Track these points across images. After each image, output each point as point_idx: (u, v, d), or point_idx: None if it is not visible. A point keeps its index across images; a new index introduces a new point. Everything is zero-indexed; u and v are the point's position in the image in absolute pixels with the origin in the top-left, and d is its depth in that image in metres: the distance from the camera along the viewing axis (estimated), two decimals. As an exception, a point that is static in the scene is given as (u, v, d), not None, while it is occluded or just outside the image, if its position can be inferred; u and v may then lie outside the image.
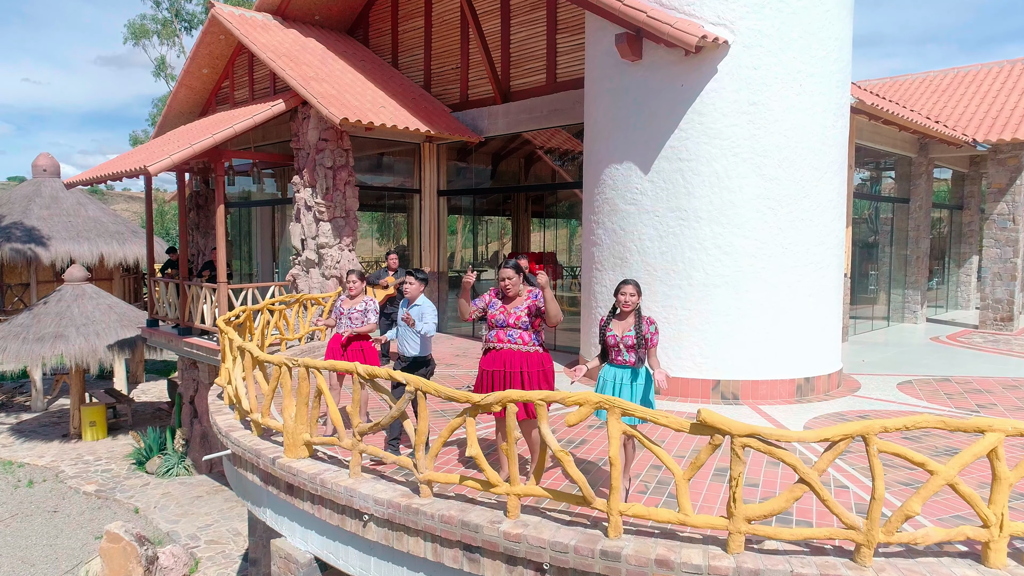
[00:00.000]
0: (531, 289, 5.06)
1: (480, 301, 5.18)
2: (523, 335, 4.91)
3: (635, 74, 8.17)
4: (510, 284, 4.97)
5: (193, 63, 14.11)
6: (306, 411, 5.39)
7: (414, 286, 5.72)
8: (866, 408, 7.64)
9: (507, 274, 5.00)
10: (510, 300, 5.04)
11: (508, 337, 4.93)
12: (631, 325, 4.76)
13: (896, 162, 14.94)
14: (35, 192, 21.03)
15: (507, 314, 4.96)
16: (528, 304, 4.96)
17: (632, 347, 4.68)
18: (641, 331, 4.69)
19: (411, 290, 5.69)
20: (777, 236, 7.87)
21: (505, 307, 5.01)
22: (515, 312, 4.94)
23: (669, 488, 5.13)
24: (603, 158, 8.67)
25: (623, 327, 4.78)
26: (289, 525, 5.52)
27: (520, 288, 5.05)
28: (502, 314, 4.99)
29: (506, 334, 4.95)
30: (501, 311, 5.01)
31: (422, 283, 5.83)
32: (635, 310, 4.80)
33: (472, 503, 4.53)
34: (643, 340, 4.69)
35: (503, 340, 4.95)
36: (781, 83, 7.74)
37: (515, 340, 4.91)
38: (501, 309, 5.02)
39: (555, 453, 3.99)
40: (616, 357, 4.75)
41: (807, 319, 8.10)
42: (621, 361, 4.72)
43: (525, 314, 4.92)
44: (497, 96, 12.13)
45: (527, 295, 5.03)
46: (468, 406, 4.36)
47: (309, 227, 11.48)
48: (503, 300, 5.07)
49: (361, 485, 4.83)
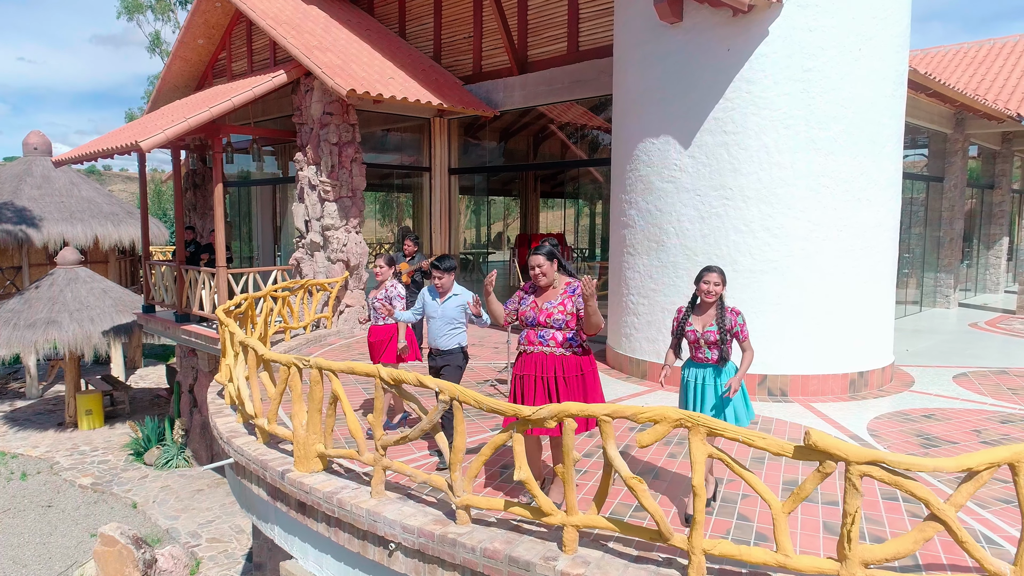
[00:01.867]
0: (569, 281, 4.34)
1: (512, 301, 4.47)
2: (557, 335, 4.19)
3: (675, 38, 7.39)
4: (541, 273, 4.25)
5: (188, 33, 13.27)
6: (319, 418, 4.71)
7: (444, 278, 5.18)
8: (929, 406, 6.97)
9: (537, 261, 4.27)
10: (542, 292, 4.33)
11: (539, 338, 4.23)
12: (712, 318, 4.13)
13: (930, 138, 14.16)
14: (26, 171, 20.22)
15: (537, 310, 4.25)
16: (563, 299, 4.23)
17: (714, 343, 4.08)
18: (725, 324, 4.05)
19: (444, 283, 5.17)
20: (831, 217, 7.16)
21: (536, 302, 4.30)
22: (546, 308, 4.23)
23: (737, 507, 4.47)
24: (636, 132, 7.92)
25: (704, 320, 4.19)
26: (301, 546, 4.87)
27: (555, 278, 4.32)
28: (532, 310, 4.28)
29: (537, 334, 4.25)
30: (532, 307, 4.31)
31: (450, 272, 5.26)
32: (718, 301, 4.15)
33: (517, 531, 3.87)
34: (727, 335, 4.05)
35: (534, 342, 4.26)
36: (838, 47, 6.98)
37: (547, 341, 4.21)
38: (532, 305, 4.32)
39: (626, 481, 3.31)
40: (696, 353, 4.19)
41: (862, 308, 7.41)
42: (702, 359, 4.15)
43: (559, 311, 4.19)
44: (513, 67, 11.32)
45: (563, 288, 4.30)
46: (514, 419, 3.68)
47: (313, 207, 10.74)
48: (534, 292, 4.37)
49: (386, 507, 4.16)
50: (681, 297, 7.58)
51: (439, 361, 5.27)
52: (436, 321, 5.25)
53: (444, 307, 5.27)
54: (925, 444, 5.79)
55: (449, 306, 5.27)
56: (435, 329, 5.28)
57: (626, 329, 8.22)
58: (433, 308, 5.29)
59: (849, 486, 3.06)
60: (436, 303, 5.30)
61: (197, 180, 15.00)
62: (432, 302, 5.32)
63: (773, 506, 3.23)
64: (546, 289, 4.31)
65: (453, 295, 5.29)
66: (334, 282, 10.60)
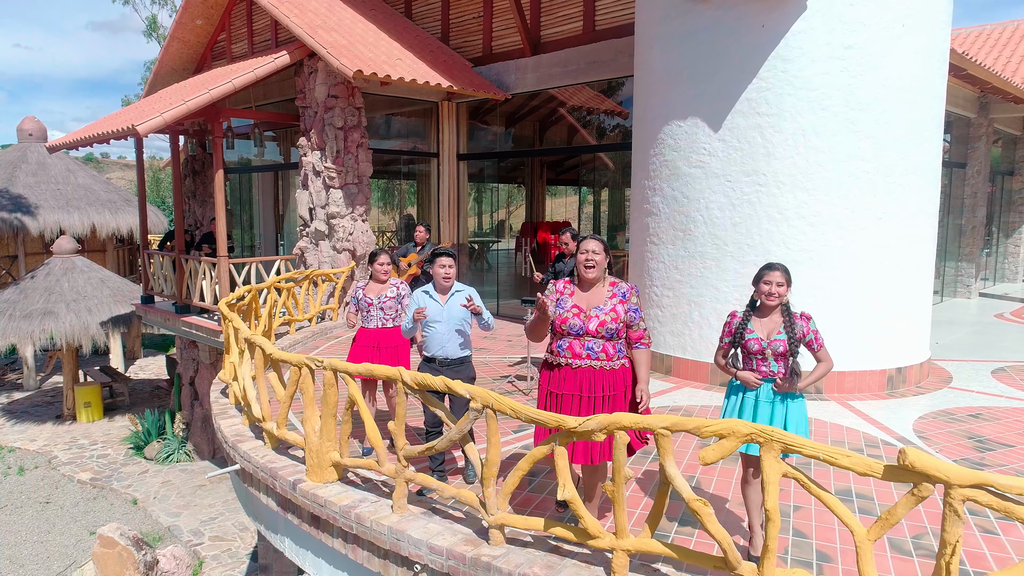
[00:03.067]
0: (614, 281, 3.73)
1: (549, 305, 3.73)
2: (608, 347, 3.60)
3: (704, 13, 6.95)
4: (593, 264, 3.60)
5: (185, 13, 12.78)
6: (334, 424, 4.32)
7: (455, 267, 4.56)
8: (973, 404, 6.60)
9: (592, 247, 3.60)
10: (585, 290, 3.72)
11: (588, 351, 3.59)
12: (779, 325, 3.59)
13: (953, 123, 13.71)
14: (21, 158, 19.73)
15: (585, 317, 3.61)
16: (614, 304, 3.63)
17: (783, 355, 3.56)
18: (796, 333, 3.56)
19: (454, 273, 4.54)
20: (871, 204, 6.75)
21: (580, 307, 3.64)
22: (597, 315, 3.60)
23: (791, 522, 4.10)
24: (660, 114, 7.49)
25: (769, 327, 3.59)
26: (315, 561, 4.50)
27: (603, 274, 3.71)
28: (577, 317, 3.61)
29: (584, 346, 3.60)
30: (575, 312, 3.62)
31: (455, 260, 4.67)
32: (783, 305, 3.64)
33: (557, 553, 3.49)
34: (799, 345, 3.56)
35: (579, 355, 3.60)
36: (881, 23, 6.54)
37: (597, 354, 3.59)
38: (574, 310, 3.63)
39: (688, 503, 2.93)
40: (759, 367, 3.59)
41: (901, 300, 7.02)
42: (766, 373, 3.59)
43: (611, 318, 3.59)
44: (526, 48, 10.85)
45: (609, 288, 3.69)
46: (556, 431, 3.29)
47: (318, 195, 10.31)
48: (576, 286, 3.74)
49: (410, 524, 3.78)
50: (709, 289, 7.19)
51: (448, 373, 4.37)
52: (441, 325, 4.42)
53: (449, 307, 4.45)
54: (978, 447, 5.42)
55: (454, 305, 4.46)
56: (441, 335, 4.43)
57: (650, 322, 7.82)
58: (436, 311, 4.44)
59: (950, 512, 2.67)
60: (438, 304, 4.47)
61: (196, 166, 14.55)
62: (433, 304, 4.47)
63: (857, 533, 2.84)
64: (590, 286, 3.73)
65: (456, 292, 4.52)
66: (340, 272, 10.19)
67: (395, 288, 5.33)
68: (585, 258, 3.67)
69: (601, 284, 3.73)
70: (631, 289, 3.73)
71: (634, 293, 3.73)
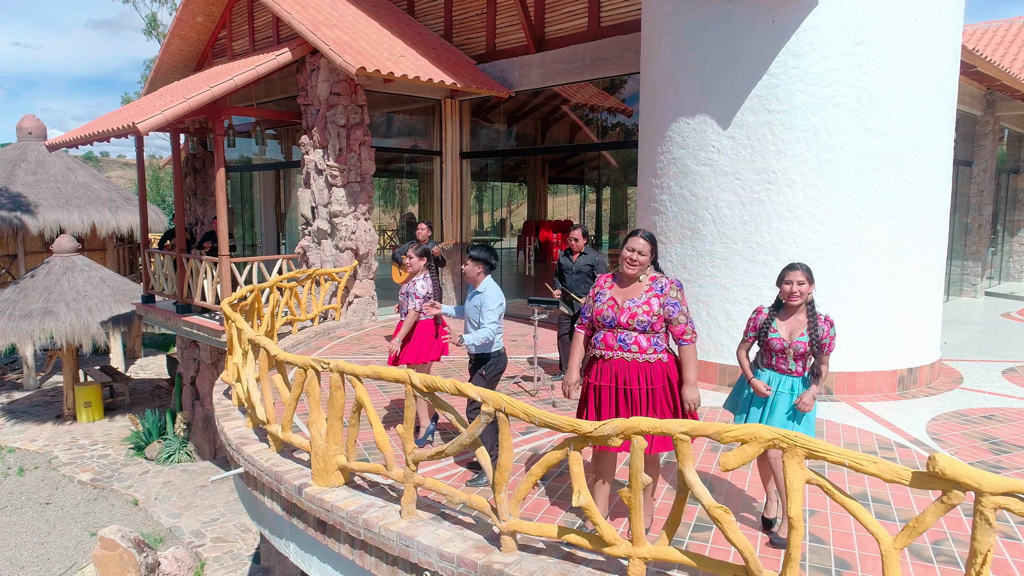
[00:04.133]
0: (655, 276, 3.69)
1: (588, 307, 3.79)
2: (640, 339, 3.59)
3: (715, 7, 6.85)
4: (636, 261, 3.59)
5: (186, 10, 12.67)
6: (340, 427, 4.23)
7: (469, 267, 4.60)
8: (986, 406, 6.50)
9: (637, 245, 3.58)
10: (626, 284, 3.70)
11: (620, 342, 3.61)
12: (803, 326, 3.55)
13: (959, 120, 13.59)
14: (20, 156, 19.62)
15: (617, 309, 3.62)
16: (649, 297, 3.61)
17: (803, 355, 3.52)
18: (818, 334, 3.50)
19: (468, 271, 4.58)
20: (883, 202, 6.65)
21: (615, 299, 3.66)
22: (629, 307, 3.60)
23: (807, 527, 4.01)
24: (668, 110, 7.39)
25: (792, 327, 3.57)
26: (320, 567, 4.41)
27: (647, 269, 3.68)
28: (611, 309, 3.63)
29: (616, 337, 3.62)
30: (610, 305, 3.65)
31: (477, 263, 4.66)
32: (805, 304, 3.59)
33: (571, 560, 3.40)
34: (819, 348, 3.51)
35: (612, 346, 3.63)
36: (893, 18, 6.44)
37: (628, 346, 3.60)
38: (610, 302, 3.66)
39: (709, 511, 2.84)
40: (779, 363, 3.61)
41: (912, 299, 6.93)
42: (784, 370, 3.59)
43: (644, 311, 3.57)
44: (530, 45, 10.75)
45: (648, 283, 3.66)
46: (572, 436, 3.20)
47: (320, 193, 10.22)
48: (615, 282, 3.74)
49: (419, 530, 3.69)
50: (718, 288, 7.10)
51: (472, 364, 4.78)
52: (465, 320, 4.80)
53: (468, 304, 4.80)
54: (994, 450, 5.33)
55: (470, 305, 4.76)
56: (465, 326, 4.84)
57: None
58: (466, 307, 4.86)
59: (981, 521, 2.58)
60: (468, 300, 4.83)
61: (197, 165, 14.45)
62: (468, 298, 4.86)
63: (883, 541, 2.75)
64: (630, 281, 3.69)
65: (476, 292, 4.68)
66: (343, 271, 10.10)
67: (406, 286, 5.52)
68: (630, 256, 3.65)
69: (640, 279, 3.69)
70: (671, 283, 3.68)
71: (674, 287, 3.67)
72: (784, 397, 3.66)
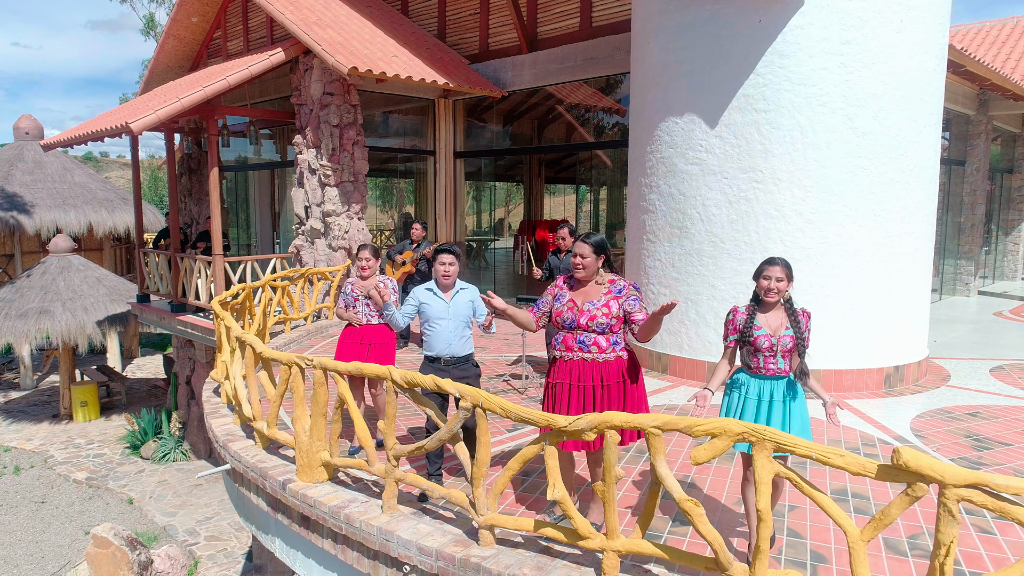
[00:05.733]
0: (614, 279, 3.77)
1: (544, 302, 3.90)
2: (600, 340, 3.67)
3: (703, 8, 6.89)
4: (582, 265, 3.69)
5: (181, 10, 12.72)
6: (324, 423, 4.27)
7: (456, 265, 4.55)
8: (972, 403, 6.54)
9: (582, 251, 3.69)
10: (580, 288, 3.79)
11: (579, 344, 3.68)
12: (785, 321, 3.52)
13: (952, 120, 13.65)
14: (17, 156, 19.66)
15: (577, 311, 3.70)
16: (608, 299, 3.68)
17: (789, 352, 3.51)
18: (801, 328, 3.51)
19: (454, 272, 4.51)
20: (869, 201, 6.69)
21: (575, 301, 3.74)
22: (588, 309, 3.67)
23: (785, 522, 4.05)
24: (658, 110, 7.43)
25: (776, 324, 3.50)
26: (305, 562, 4.45)
27: (600, 274, 3.76)
28: (571, 311, 3.71)
29: (576, 339, 3.69)
30: (569, 307, 3.73)
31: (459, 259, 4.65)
32: (785, 300, 3.58)
33: (548, 554, 3.44)
34: (803, 342, 3.52)
35: (572, 347, 3.71)
36: (879, 18, 6.48)
37: (588, 347, 3.68)
38: (569, 304, 3.74)
39: (679, 503, 2.88)
40: (767, 364, 3.50)
41: (899, 299, 6.97)
42: (774, 371, 3.49)
43: (603, 313, 3.65)
44: (523, 45, 10.79)
45: (607, 286, 3.74)
46: (547, 430, 3.24)
47: (313, 193, 10.26)
48: (570, 287, 3.83)
49: (399, 525, 3.73)
50: (706, 287, 7.14)
51: (455, 372, 4.37)
52: (448, 323, 4.38)
53: (455, 304, 4.44)
54: (976, 446, 5.37)
55: (460, 303, 4.45)
56: (448, 333, 4.38)
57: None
58: (440, 308, 4.41)
59: (944, 512, 2.62)
60: (442, 301, 4.43)
61: (192, 164, 14.49)
62: (437, 300, 4.43)
63: (851, 534, 2.79)
64: (585, 284, 3.78)
65: (460, 289, 4.51)
66: (336, 271, 10.14)
67: (381, 284, 5.24)
68: (574, 262, 3.77)
69: (599, 281, 3.78)
70: (629, 285, 3.77)
71: (632, 289, 3.77)
72: (777, 406, 3.53)
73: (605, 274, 3.79)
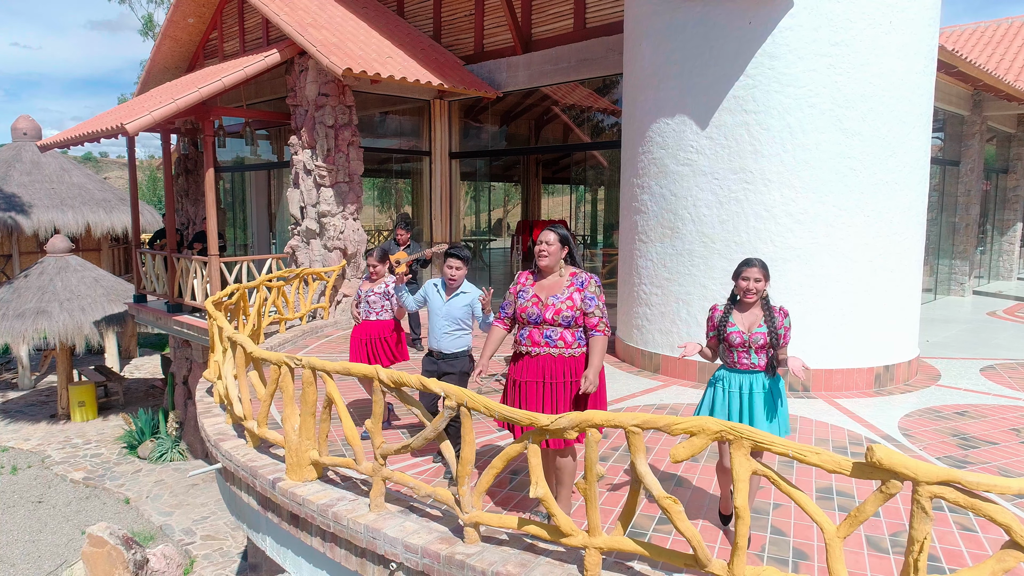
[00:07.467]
0: (575, 272, 3.81)
1: (508, 304, 3.94)
2: (566, 335, 3.70)
3: (693, 9, 6.93)
4: (547, 252, 3.73)
5: (177, 11, 12.76)
6: (313, 422, 4.31)
7: (463, 271, 4.69)
8: (960, 402, 6.59)
9: (546, 238, 3.74)
10: (542, 279, 3.82)
11: (546, 338, 3.71)
12: (760, 318, 3.64)
13: (946, 121, 13.69)
14: (15, 157, 19.71)
15: (543, 306, 3.72)
16: (571, 292, 3.73)
17: (763, 347, 3.61)
18: (775, 326, 3.60)
19: (460, 276, 4.67)
20: (858, 201, 6.74)
21: (539, 296, 3.76)
22: (553, 303, 3.71)
23: (769, 520, 4.09)
24: (649, 111, 7.47)
25: (749, 321, 3.66)
26: (295, 560, 4.49)
27: (560, 266, 3.81)
28: (535, 306, 3.74)
29: (543, 334, 3.72)
30: (534, 302, 3.76)
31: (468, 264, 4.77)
32: (762, 299, 3.69)
33: (532, 551, 3.48)
34: (777, 339, 3.61)
35: (539, 342, 3.73)
36: (868, 19, 6.53)
37: (555, 342, 3.70)
38: (534, 300, 3.76)
39: (659, 501, 2.92)
40: (741, 359, 3.65)
41: (889, 299, 7.01)
42: (748, 365, 3.64)
43: (567, 306, 3.68)
44: (517, 46, 10.83)
45: (569, 279, 3.77)
46: (530, 429, 3.28)
47: (309, 193, 10.30)
48: (535, 278, 3.86)
49: (386, 523, 3.77)
50: (697, 287, 7.18)
51: (442, 366, 4.68)
52: (439, 320, 4.66)
53: (450, 305, 4.67)
54: (963, 445, 5.41)
55: (455, 305, 4.66)
56: (437, 327, 4.68)
57: (638, 320, 7.82)
58: (437, 304, 4.71)
59: (917, 509, 2.66)
60: (440, 299, 4.71)
61: (189, 165, 14.53)
62: (436, 297, 4.73)
63: (827, 530, 2.84)
64: (546, 276, 3.82)
65: (461, 292, 4.68)
66: (331, 271, 10.18)
67: (384, 285, 5.65)
68: (538, 248, 3.80)
69: (560, 274, 3.82)
70: (590, 278, 3.81)
71: (592, 282, 3.80)
72: (758, 398, 3.65)
73: (566, 267, 3.85)
